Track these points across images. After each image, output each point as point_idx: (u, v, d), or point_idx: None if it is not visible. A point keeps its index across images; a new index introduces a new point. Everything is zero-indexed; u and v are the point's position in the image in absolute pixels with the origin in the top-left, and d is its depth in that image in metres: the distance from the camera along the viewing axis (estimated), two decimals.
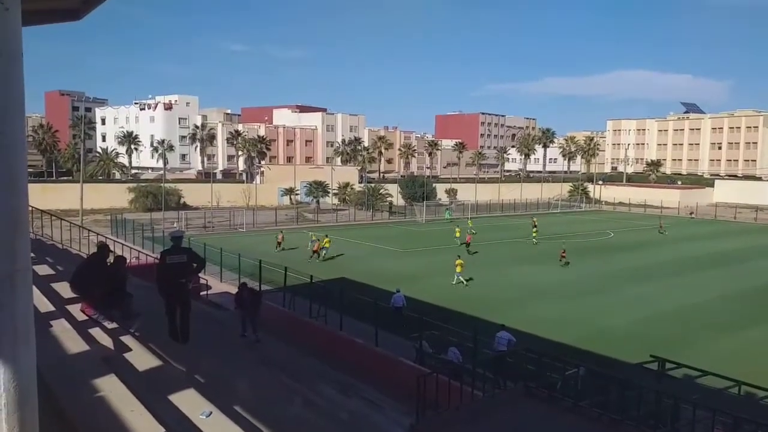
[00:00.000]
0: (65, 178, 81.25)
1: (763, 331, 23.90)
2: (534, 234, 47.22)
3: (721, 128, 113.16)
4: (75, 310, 8.76)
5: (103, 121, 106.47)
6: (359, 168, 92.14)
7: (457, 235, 45.59)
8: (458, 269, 30.43)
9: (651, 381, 12.58)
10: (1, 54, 2.63)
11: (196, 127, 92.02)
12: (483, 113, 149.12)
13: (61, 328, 7.08)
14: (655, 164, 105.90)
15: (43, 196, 48.02)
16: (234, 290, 18.64)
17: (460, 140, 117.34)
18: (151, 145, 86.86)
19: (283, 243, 40.85)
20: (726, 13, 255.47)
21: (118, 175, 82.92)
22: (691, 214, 73.40)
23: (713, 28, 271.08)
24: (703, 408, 9.76)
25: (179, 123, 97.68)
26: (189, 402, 5.75)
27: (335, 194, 70.93)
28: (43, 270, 10.93)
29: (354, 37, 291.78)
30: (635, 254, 42.27)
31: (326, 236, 39.65)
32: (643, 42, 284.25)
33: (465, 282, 30.46)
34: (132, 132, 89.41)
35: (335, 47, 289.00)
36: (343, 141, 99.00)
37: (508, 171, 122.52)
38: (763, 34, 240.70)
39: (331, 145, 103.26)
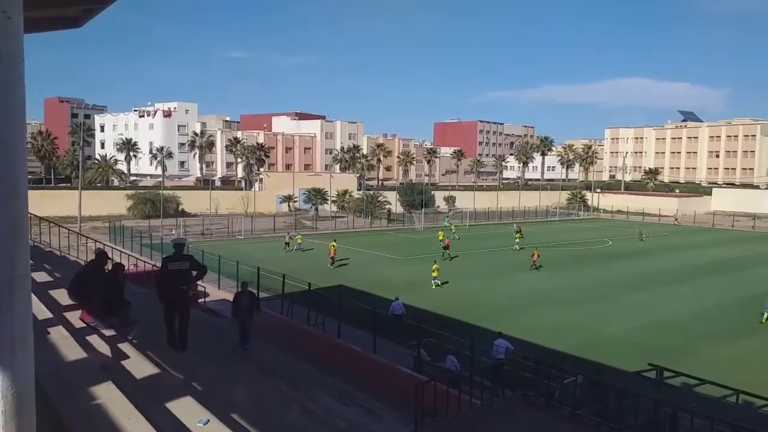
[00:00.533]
0: (64, 184, 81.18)
1: (762, 339, 23.90)
2: (517, 239, 47.66)
3: (719, 136, 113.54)
4: (73, 317, 8.74)
5: (102, 128, 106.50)
6: (358, 175, 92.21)
7: (440, 238, 46.59)
8: (434, 273, 31.91)
9: (649, 389, 12.56)
10: (3, 60, 2.65)
11: (195, 134, 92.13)
12: (481, 121, 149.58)
13: (58, 335, 7.06)
14: (653, 172, 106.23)
15: (41, 202, 47.89)
16: (232, 297, 18.53)
17: (458, 148, 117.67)
18: (150, 152, 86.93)
19: (291, 243, 45.29)
20: (723, 21, 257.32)
21: (116, 182, 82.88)
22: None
23: (710, 37, 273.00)
24: (701, 416, 9.76)
25: (178, 130, 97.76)
26: (186, 410, 5.74)
27: (334, 201, 70.94)
28: (41, 277, 10.91)
29: (353, 45, 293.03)
30: (633, 262, 42.30)
31: (334, 241, 40.25)
32: (640, 50, 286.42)
33: (440, 285, 31.74)
34: (131, 139, 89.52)
35: (334, 55, 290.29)
36: (342, 148, 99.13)
37: (507, 179, 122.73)
38: (760, 42, 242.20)
39: (330, 153, 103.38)
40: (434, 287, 31.51)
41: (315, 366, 14.84)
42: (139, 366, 7.06)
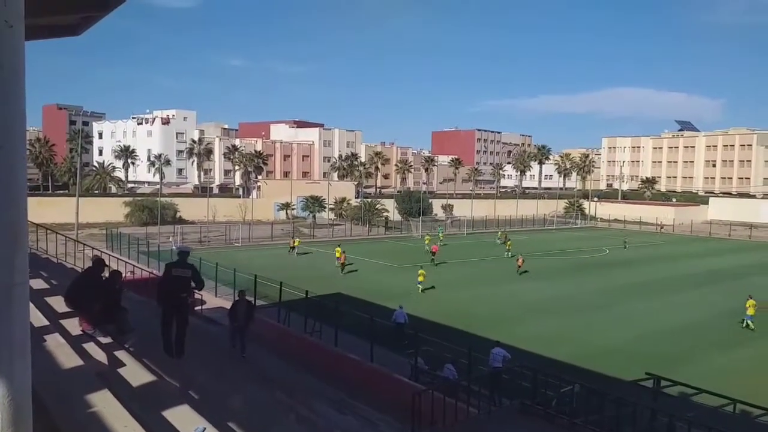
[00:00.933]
0: (61, 191, 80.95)
1: (759, 348, 23.90)
2: (508, 246, 48.38)
3: (716, 146, 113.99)
4: (69, 324, 8.72)
5: (101, 135, 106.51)
6: (356, 183, 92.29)
7: (427, 242, 47.63)
8: (420, 278, 32.56)
9: (646, 398, 12.55)
10: (4, 69, 2.66)
11: (193, 141, 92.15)
12: (479, 130, 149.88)
13: (55, 342, 7.04)
14: (650, 181, 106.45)
15: (39, 209, 47.57)
16: (229, 305, 18.51)
17: (456, 156, 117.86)
18: (148, 159, 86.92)
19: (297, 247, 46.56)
20: (720, 32, 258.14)
21: (114, 189, 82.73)
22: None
23: (707, 47, 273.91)
24: (699, 426, 9.75)
25: (176, 137, 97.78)
26: (183, 418, 5.72)
27: (331, 209, 70.96)
28: (38, 284, 10.89)
29: (352, 54, 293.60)
30: (630, 271, 42.33)
31: (338, 246, 41.09)
32: (637, 60, 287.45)
33: (422, 290, 32.32)
34: (129, 146, 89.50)
35: (333, 63, 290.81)
36: (340, 156, 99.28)
37: (504, 187, 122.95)
38: (756, 53, 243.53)
39: (328, 161, 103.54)
40: (420, 291, 32.11)
41: (312, 374, 14.81)
42: (136, 374, 7.04)
